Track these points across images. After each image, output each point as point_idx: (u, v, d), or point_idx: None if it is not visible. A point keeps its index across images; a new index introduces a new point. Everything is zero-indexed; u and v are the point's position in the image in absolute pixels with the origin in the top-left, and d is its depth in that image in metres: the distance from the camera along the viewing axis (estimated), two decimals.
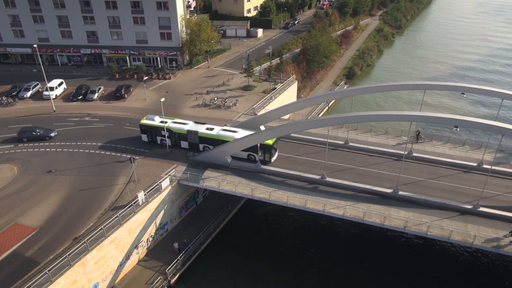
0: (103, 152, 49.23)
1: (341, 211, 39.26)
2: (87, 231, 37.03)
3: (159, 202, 41.81)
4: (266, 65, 74.59)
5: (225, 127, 49.06)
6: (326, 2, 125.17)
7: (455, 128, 36.06)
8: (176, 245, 41.79)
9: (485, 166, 44.26)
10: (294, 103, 52.01)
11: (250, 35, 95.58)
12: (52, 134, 52.84)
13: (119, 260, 38.56)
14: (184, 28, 74.51)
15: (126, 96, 64.50)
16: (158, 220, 42.53)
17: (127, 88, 65.81)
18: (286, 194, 41.22)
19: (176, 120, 50.60)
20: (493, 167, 42.16)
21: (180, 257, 40.66)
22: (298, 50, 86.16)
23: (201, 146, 48.87)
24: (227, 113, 58.59)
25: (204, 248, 43.53)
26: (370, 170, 45.43)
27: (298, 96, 72.11)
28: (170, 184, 42.99)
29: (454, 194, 41.31)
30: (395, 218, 38.06)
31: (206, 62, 77.93)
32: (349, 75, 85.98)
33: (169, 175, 43.82)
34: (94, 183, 43.65)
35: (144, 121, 50.50)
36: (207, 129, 48.54)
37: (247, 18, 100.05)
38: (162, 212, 42.80)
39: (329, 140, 44.94)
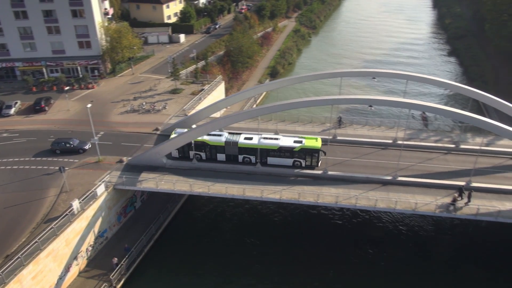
0: (28, 167, 46.67)
1: (278, 195, 41.54)
2: (20, 246, 35.12)
3: (96, 209, 40.79)
4: (192, 68, 75.36)
5: (264, 135, 47.09)
6: (244, 7, 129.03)
7: (370, 107, 40.17)
8: (115, 260, 39.85)
9: (398, 142, 49.38)
10: (223, 100, 53.65)
11: (172, 40, 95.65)
12: (86, 147, 49.76)
13: (58, 273, 37.01)
14: (103, 36, 72.68)
15: (47, 109, 61.36)
16: (96, 228, 41.42)
17: (47, 100, 62.66)
18: (224, 186, 42.55)
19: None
20: (405, 142, 47.38)
21: (123, 262, 40.00)
22: (222, 52, 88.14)
23: (240, 157, 46.41)
24: (158, 116, 58.50)
25: (148, 250, 43.20)
26: None
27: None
28: (106, 190, 42.15)
29: (376, 168, 45.70)
30: (327, 195, 41.24)
31: (130, 69, 76.67)
32: (273, 74, 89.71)
33: (103, 181, 42.93)
34: (22, 198, 41.34)
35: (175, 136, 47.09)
36: (246, 138, 46.34)
37: (168, 24, 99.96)
38: (100, 219, 41.78)
39: (260, 133, 47.28)
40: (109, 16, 78.45)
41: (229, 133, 47.62)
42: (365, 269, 41.33)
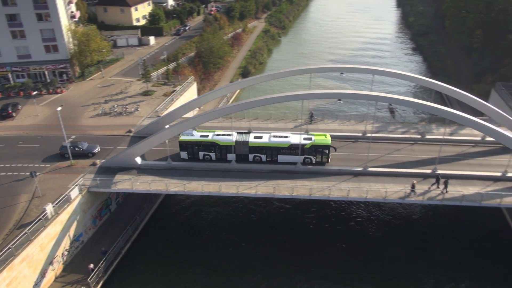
0: None
1: (253, 190, 42.33)
2: None
3: (70, 213, 40.32)
4: (163, 69, 75.20)
5: (273, 133, 47.11)
6: (213, 8, 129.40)
7: (339, 101, 41.57)
8: (91, 266, 39.32)
9: (368, 135, 51.14)
10: (196, 99, 54.04)
11: (142, 43, 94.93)
12: (96, 150, 48.64)
13: (34, 279, 36.38)
14: (71, 39, 71.46)
15: (14, 115, 59.86)
16: (71, 232, 40.92)
17: (14, 106, 61.13)
18: (200, 184, 42.95)
19: (217, 132, 47.71)
20: (374, 135, 49.17)
21: (101, 264, 39.71)
22: (192, 54, 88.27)
23: (251, 156, 46.38)
24: (130, 118, 58.18)
25: (126, 252, 43.01)
26: None
27: None
28: (80, 193, 41.73)
29: (347, 160, 47.21)
30: (301, 188, 42.34)
31: (100, 72, 75.68)
32: (244, 74, 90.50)
33: (77, 184, 42.47)
34: None
35: (184, 137, 46.86)
36: (256, 137, 46.32)
37: (137, 27, 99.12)
38: (75, 223, 41.30)
39: (234, 132, 47.98)
40: (76, 20, 77.17)
41: (238, 132, 47.59)
42: (343, 259, 42.65)
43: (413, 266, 41.69)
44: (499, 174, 44.23)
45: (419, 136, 51.84)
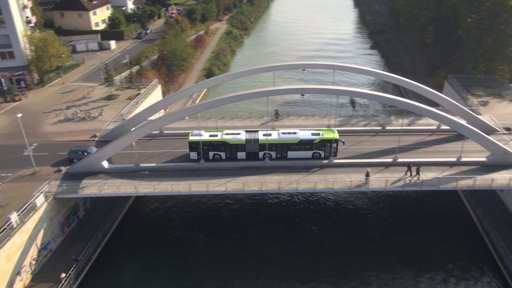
0: None
1: (223, 187, 42.89)
2: None
3: (37, 221, 39.34)
4: (126, 73, 74.32)
5: (281, 130, 47.52)
6: (174, 11, 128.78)
7: (302, 96, 42.92)
8: (62, 275, 38.50)
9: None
10: (162, 101, 54.01)
11: (103, 47, 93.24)
12: None
13: None
14: (27, 45, 69.32)
15: None
16: (39, 241, 39.92)
17: None
18: (170, 184, 43.05)
19: (226, 131, 47.61)
20: (338, 128, 50.68)
21: (72, 271, 39.02)
22: (155, 57, 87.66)
23: (261, 154, 46.41)
24: (94, 123, 57.24)
25: (96, 257, 42.40)
26: None
27: None
28: (46, 200, 40.77)
29: None
30: (270, 182, 43.35)
31: (60, 78, 73.78)
32: (209, 75, 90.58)
33: (42, 191, 41.49)
34: None
35: (193, 138, 46.31)
36: (265, 135, 46.43)
37: (97, 31, 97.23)
38: (42, 231, 40.31)
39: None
40: (32, 25, 74.88)
41: (246, 131, 47.72)
42: (313, 250, 43.96)
43: (380, 252, 43.58)
44: (454, 159, 47.01)
45: (379, 128, 54.17)
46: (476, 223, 46.68)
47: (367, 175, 43.22)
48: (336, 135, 46.45)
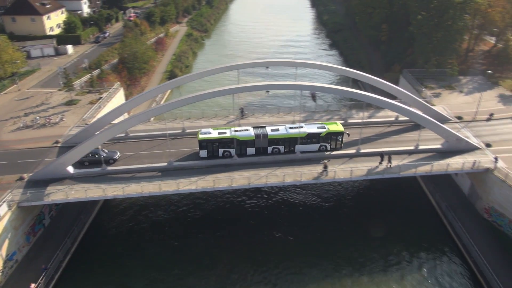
0: None
1: (194, 186, 43.17)
2: None
3: (0, 231, 37.98)
4: (86, 77, 72.64)
5: (289, 125, 48.43)
6: (132, 14, 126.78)
7: (267, 93, 43.99)
8: (32, 286, 37.35)
9: (296, 124, 54.21)
10: (125, 103, 53.35)
11: (59, 52, 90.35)
12: (117, 156, 47.71)
13: None
14: None
15: None
16: (3, 252, 38.53)
17: None
18: (140, 185, 42.77)
19: (234, 128, 48.10)
20: (302, 124, 52.30)
21: (41, 280, 37.94)
22: (116, 60, 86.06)
23: (269, 148, 47.29)
24: (56, 129, 55.69)
25: (66, 265, 41.40)
26: None
27: None
28: (9, 209, 39.44)
29: None
30: (240, 178, 44.07)
31: (16, 85, 70.97)
32: (171, 78, 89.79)
33: (5, 200, 40.05)
34: None
35: (203, 136, 46.65)
36: (273, 130, 47.38)
37: (51, 36, 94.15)
38: (6, 241, 38.93)
39: (168, 132, 48.60)
40: None
41: (254, 127, 48.42)
42: (283, 242, 45.08)
43: (349, 241, 45.38)
44: (412, 147, 49.75)
45: (342, 121, 56.11)
46: (434, 206, 49.62)
47: (325, 167, 44.83)
48: (341, 128, 48.18)
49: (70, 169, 44.89)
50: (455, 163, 46.69)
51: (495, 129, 54.60)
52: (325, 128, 48.63)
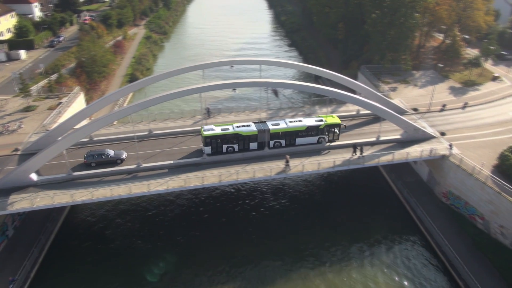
0: None
1: (165, 186, 43.01)
2: None
3: None
4: (43, 83, 70.05)
5: (288, 119, 49.66)
6: (87, 17, 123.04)
7: (233, 90, 44.65)
8: None
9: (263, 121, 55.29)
10: (87, 107, 52.03)
11: (11, 58, 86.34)
12: (124, 156, 47.22)
13: None
14: None
15: None
16: None
17: None
18: (109, 188, 42.09)
19: (236, 124, 48.74)
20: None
21: None
22: (73, 64, 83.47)
23: (271, 142, 48.54)
24: (14, 136, 53.47)
25: (35, 275, 40.03)
26: (179, 148, 50.61)
27: None
28: None
29: None
30: (211, 176, 44.40)
31: None
32: (132, 80, 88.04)
33: None
34: None
35: (207, 133, 46.98)
36: (273, 124, 48.62)
37: (2, 42, 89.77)
38: None
39: (135, 134, 48.20)
40: None
41: (255, 123, 49.20)
42: (256, 235, 45.88)
43: (319, 230, 46.90)
44: (374, 139, 52.09)
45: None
46: (397, 193, 52.26)
47: (287, 162, 46.14)
48: (337, 120, 50.07)
49: (34, 176, 43.39)
50: (414, 151, 49.42)
51: (448, 119, 58.22)
52: (323, 121, 50.17)
